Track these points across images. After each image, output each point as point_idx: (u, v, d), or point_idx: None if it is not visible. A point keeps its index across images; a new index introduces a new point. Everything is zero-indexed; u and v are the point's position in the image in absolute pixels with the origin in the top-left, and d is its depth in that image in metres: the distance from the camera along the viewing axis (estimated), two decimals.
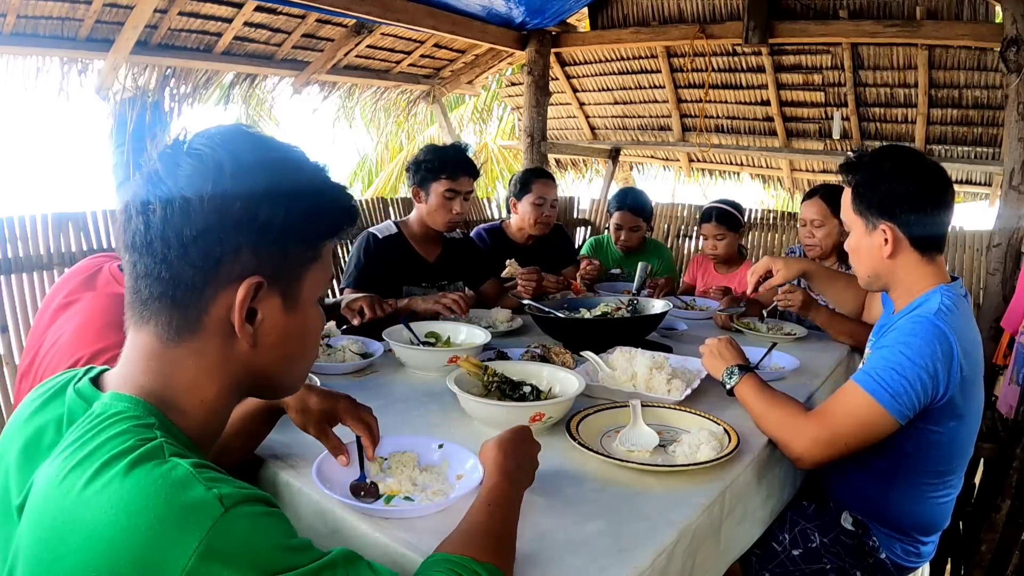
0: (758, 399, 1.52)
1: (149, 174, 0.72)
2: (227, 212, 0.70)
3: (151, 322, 0.74)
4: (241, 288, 0.72)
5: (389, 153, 11.72)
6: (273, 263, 0.74)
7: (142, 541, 0.59)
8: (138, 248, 0.71)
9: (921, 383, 1.37)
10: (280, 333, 0.77)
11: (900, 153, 1.54)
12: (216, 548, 0.59)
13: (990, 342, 3.69)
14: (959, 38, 4.24)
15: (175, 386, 0.74)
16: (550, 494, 1.20)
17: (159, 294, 0.72)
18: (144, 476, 0.62)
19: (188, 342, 0.74)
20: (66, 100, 4.27)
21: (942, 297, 1.46)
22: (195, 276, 0.71)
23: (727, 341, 1.71)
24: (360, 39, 5.05)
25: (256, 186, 0.71)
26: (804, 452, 1.43)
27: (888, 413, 1.38)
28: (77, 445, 0.67)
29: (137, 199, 0.71)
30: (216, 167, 0.71)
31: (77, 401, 0.74)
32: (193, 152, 0.72)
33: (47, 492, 0.65)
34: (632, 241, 3.38)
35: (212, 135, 0.74)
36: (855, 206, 1.55)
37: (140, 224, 0.70)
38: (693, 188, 8.84)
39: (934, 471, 1.53)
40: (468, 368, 1.54)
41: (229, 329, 0.74)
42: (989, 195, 5.38)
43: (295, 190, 0.74)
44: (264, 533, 0.63)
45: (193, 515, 0.60)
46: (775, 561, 1.59)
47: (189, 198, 0.69)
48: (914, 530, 1.58)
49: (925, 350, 1.38)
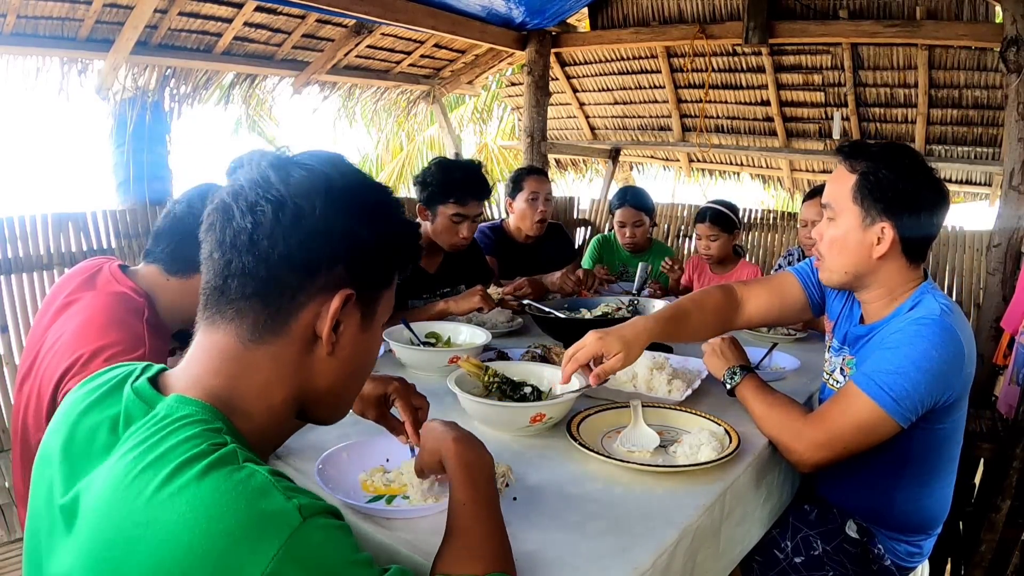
0: (759, 400, 1.51)
1: (257, 179, 0.75)
2: (332, 226, 0.74)
3: (233, 321, 0.76)
4: (337, 297, 0.76)
5: (389, 153, 11.72)
6: (361, 281, 0.78)
7: (222, 546, 0.60)
8: (239, 247, 0.73)
9: (927, 387, 1.34)
10: (352, 348, 0.81)
11: (914, 153, 1.46)
12: (293, 557, 0.60)
13: (990, 342, 3.69)
14: (959, 38, 4.24)
15: (245, 388, 0.76)
16: (551, 495, 1.20)
17: (252, 293, 0.74)
18: (222, 481, 0.63)
19: (269, 344, 0.76)
20: (66, 100, 4.27)
21: (936, 296, 1.43)
22: (294, 280, 0.74)
23: (730, 340, 1.70)
24: (360, 39, 5.05)
25: (357, 208, 0.77)
26: (804, 455, 1.41)
27: (890, 417, 1.35)
28: (144, 448, 0.67)
29: (242, 199, 0.74)
30: (326, 181, 0.75)
31: (136, 401, 0.74)
32: (303, 165, 0.76)
33: (113, 494, 0.65)
34: (637, 237, 3.38)
35: (318, 154, 0.79)
36: (858, 195, 1.42)
37: (247, 223, 0.73)
38: (693, 188, 8.85)
39: (938, 465, 1.52)
40: (469, 368, 1.54)
41: (310, 336, 0.77)
42: (989, 195, 5.39)
43: (387, 219, 0.80)
44: (336, 546, 0.65)
45: (273, 523, 0.61)
46: (777, 568, 1.57)
47: (301, 206, 0.73)
48: (920, 526, 1.58)
49: (932, 352, 1.34)
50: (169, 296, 1.42)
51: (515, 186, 3.11)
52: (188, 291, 1.41)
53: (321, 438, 1.32)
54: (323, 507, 0.66)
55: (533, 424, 1.41)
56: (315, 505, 0.65)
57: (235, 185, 0.76)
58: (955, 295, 4.08)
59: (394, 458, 1.25)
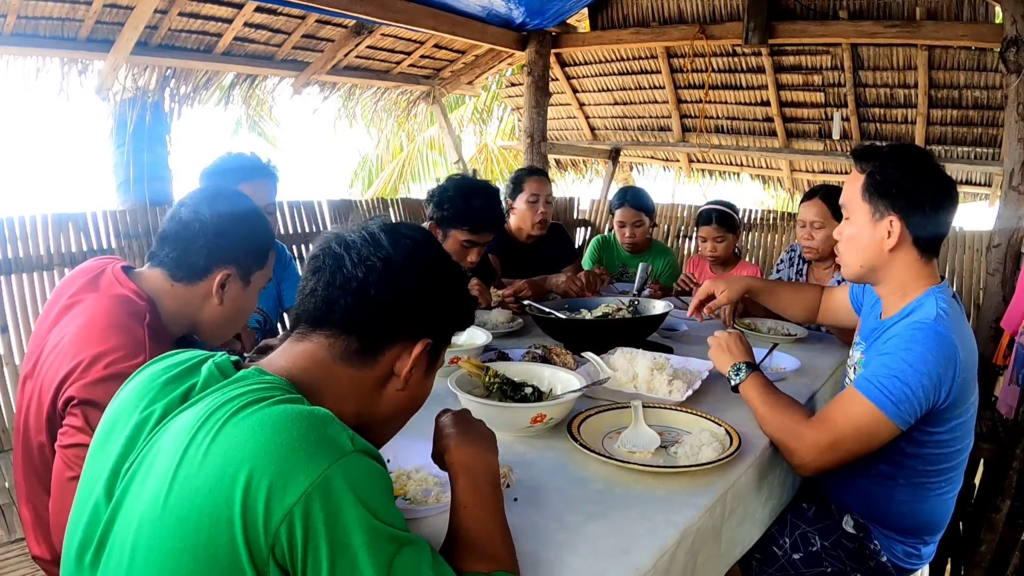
0: (762, 400, 1.51)
1: (368, 238, 0.89)
2: (427, 289, 0.90)
3: (327, 339, 0.88)
4: (420, 344, 0.90)
5: (389, 154, 11.71)
6: (437, 336, 0.93)
7: (282, 453, 0.68)
8: (348, 291, 0.86)
9: (924, 390, 1.37)
10: (416, 389, 0.95)
11: (922, 153, 1.55)
12: (339, 476, 0.69)
13: (990, 342, 3.69)
14: (959, 38, 4.24)
15: (326, 391, 0.86)
16: (552, 495, 1.20)
17: (350, 328, 0.87)
18: (290, 408, 0.73)
19: (355, 368, 0.88)
20: (66, 100, 4.27)
21: (937, 300, 1.46)
22: (388, 326, 0.88)
23: (736, 336, 1.70)
24: (360, 40, 5.05)
25: (444, 278, 0.94)
26: (805, 459, 1.42)
27: (890, 420, 1.37)
28: (220, 395, 0.77)
29: (354, 252, 0.88)
30: (426, 252, 0.92)
31: (215, 373, 0.84)
32: (408, 236, 0.91)
33: (189, 428, 0.74)
34: (637, 237, 3.37)
35: (416, 227, 0.96)
36: (867, 193, 1.51)
37: (359, 273, 0.86)
38: (693, 188, 8.85)
39: (936, 470, 1.52)
40: (469, 369, 1.54)
41: (388, 372, 0.90)
42: (989, 195, 5.39)
43: (461, 290, 0.98)
44: (378, 482, 0.73)
45: (328, 444, 0.71)
46: (776, 565, 1.59)
47: (406, 268, 0.88)
48: (918, 530, 1.58)
49: (928, 356, 1.37)
50: (173, 302, 1.40)
51: (515, 187, 3.10)
52: (192, 298, 1.40)
53: None
54: (373, 449, 0.76)
55: (534, 425, 1.41)
56: (367, 445, 0.75)
57: (346, 238, 0.89)
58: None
59: (396, 458, 1.25)
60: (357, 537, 0.68)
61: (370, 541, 0.69)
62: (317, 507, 0.67)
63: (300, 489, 0.66)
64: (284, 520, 0.66)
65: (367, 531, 0.69)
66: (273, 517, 0.66)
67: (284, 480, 0.67)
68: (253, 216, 1.46)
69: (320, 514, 0.67)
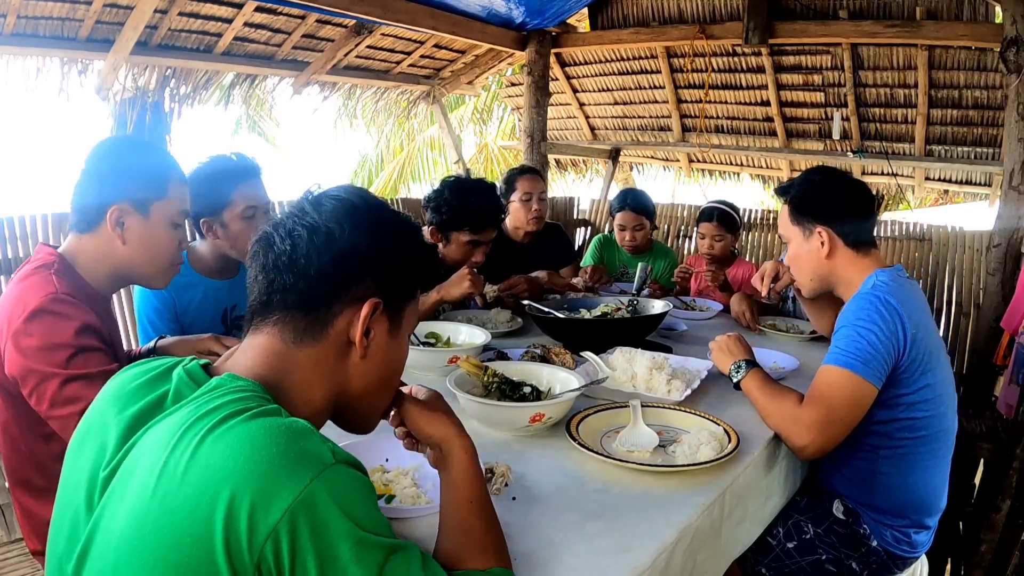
0: (762, 393, 1.57)
1: (294, 210, 0.87)
2: (359, 244, 0.85)
3: (277, 326, 0.85)
4: (366, 305, 0.86)
5: (390, 153, 11.71)
6: (386, 293, 0.88)
7: (262, 470, 0.68)
8: (280, 267, 0.84)
9: (882, 344, 1.49)
10: (382, 354, 0.90)
11: (827, 169, 1.83)
12: (322, 490, 0.68)
13: (990, 342, 3.69)
14: (959, 38, 4.24)
15: (291, 382, 0.85)
16: (550, 494, 1.20)
17: (293, 304, 0.85)
18: (268, 422, 0.72)
19: (309, 347, 0.85)
20: (66, 100, 4.27)
21: (876, 277, 1.62)
22: (330, 291, 0.85)
23: (736, 337, 1.75)
24: (360, 39, 5.05)
25: (379, 229, 0.88)
26: (806, 438, 1.47)
27: (866, 380, 1.48)
28: (196, 406, 0.75)
29: (281, 228, 0.86)
30: (352, 209, 0.87)
31: (187, 381, 0.82)
32: (332, 196, 0.89)
33: (165, 443, 0.72)
34: (638, 240, 3.38)
35: (346, 187, 0.92)
36: (792, 218, 1.74)
37: (287, 246, 0.84)
38: (693, 188, 8.85)
39: (914, 439, 1.58)
40: (468, 368, 1.54)
41: (345, 342, 0.87)
42: (989, 195, 5.39)
43: (405, 239, 0.91)
44: (361, 492, 0.73)
45: (309, 458, 0.70)
46: (771, 555, 1.61)
47: (332, 228, 0.85)
48: (905, 509, 1.61)
49: (874, 316, 1.51)
50: (86, 256, 1.43)
51: (508, 187, 3.11)
52: (100, 245, 1.42)
53: None
54: (353, 459, 0.75)
55: (532, 424, 1.41)
56: (347, 455, 0.74)
57: (275, 219, 0.88)
58: (955, 295, 4.07)
59: (394, 458, 1.25)
60: (344, 549, 0.68)
61: (358, 552, 0.69)
62: (302, 522, 0.66)
63: (284, 505, 0.66)
64: (269, 537, 0.66)
65: (354, 542, 0.69)
66: (257, 535, 0.66)
67: (267, 498, 0.66)
68: (131, 148, 1.48)
69: (306, 529, 0.67)
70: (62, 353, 1.27)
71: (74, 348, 1.28)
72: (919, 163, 5.12)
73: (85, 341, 1.30)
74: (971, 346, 3.92)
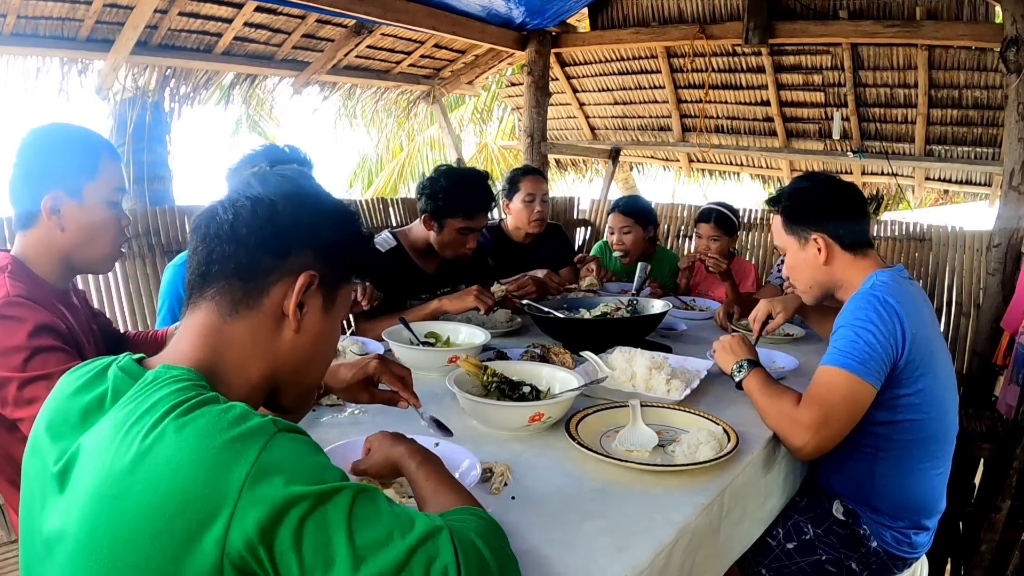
0: (762, 393, 1.57)
1: (240, 184, 0.90)
2: (300, 219, 0.88)
3: (214, 299, 0.86)
4: (301, 277, 0.87)
5: (389, 153, 11.71)
6: (323, 270, 0.90)
7: (210, 457, 0.69)
8: (222, 237, 0.86)
9: (880, 344, 1.48)
10: (315, 330, 0.91)
11: (815, 175, 1.82)
12: (272, 460, 0.70)
13: (990, 342, 3.69)
14: (959, 38, 4.24)
15: (226, 360, 0.86)
16: (549, 494, 1.20)
17: (231, 272, 0.86)
18: (208, 412, 0.73)
19: (244, 319, 0.87)
20: (66, 100, 4.27)
21: (876, 277, 1.61)
22: (267, 261, 0.86)
23: (739, 338, 1.75)
24: (360, 39, 5.05)
25: (320, 209, 0.92)
26: (804, 438, 1.47)
27: (863, 380, 1.47)
28: (135, 403, 0.76)
29: (226, 200, 0.87)
30: (296, 186, 0.91)
31: (123, 377, 0.82)
32: (280, 173, 0.93)
33: (108, 445, 0.73)
34: (626, 244, 3.35)
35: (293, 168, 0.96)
36: (786, 228, 1.72)
37: (229, 216, 0.86)
38: (693, 188, 8.85)
39: (914, 440, 1.58)
40: (468, 368, 1.54)
41: (279, 315, 0.88)
42: (989, 195, 5.38)
43: (343, 222, 0.95)
44: (310, 453, 0.75)
45: (253, 433, 0.71)
46: (770, 556, 1.61)
47: (276, 201, 0.87)
48: (905, 511, 1.61)
49: (871, 315, 1.50)
50: (34, 251, 1.41)
51: (511, 187, 3.10)
52: (42, 237, 1.40)
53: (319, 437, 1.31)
54: (296, 426, 0.77)
55: (532, 423, 1.41)
56: (288, 424, 0.76)
57: (219, 197, 0.90)
58: (955, 295, 4.07)
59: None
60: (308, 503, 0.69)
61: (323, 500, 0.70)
62: (264, 493, 0.68)
63: (239, 483, 0.67)
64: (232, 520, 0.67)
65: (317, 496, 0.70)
66: (218, 523, 0.67)
67: (222, 482, 0.67)
68: (54, 134, 1.44)
69: (266, 503, 0.68)
70: (17, 356, 1.26)
71: (29, 350, 1.27)
72: (919, 163, 5.12)
73: (41, 342, 1.28)
74: (971, 346, 3.92)
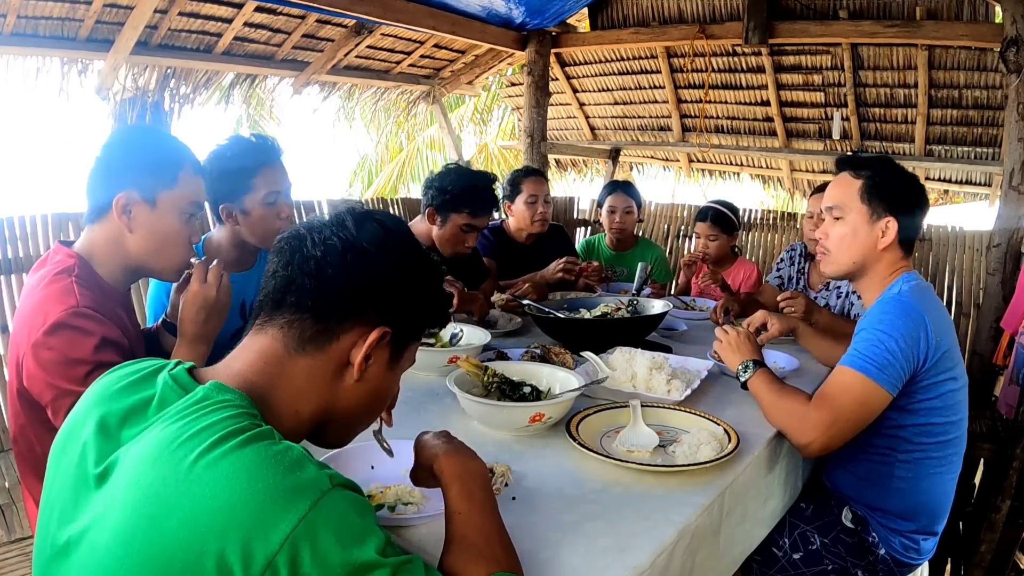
0: (770, 390, 1.56)
1: (334, 220, 0.88)
2: (388, 274, 0.87)
3: (283, 329, 0.86)
4: (375, 332, 0.87)
5: (389, 153, 11.71)
6: (397, 326, 0.89)
7: (259, 503, 0.67)
8: (306, 271, 0.85)
9: (902, 352, 1.47)
10: (376, 382, 0.91)
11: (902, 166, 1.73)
12: (321, 517, 0.68)
13: (990, 342, 3.69)
14: (959, 38, 4.23)
15: (281, 392, 0.85)
16: (550, 494, 1.20)
17: (306, 307, 0.85)
18: (262, 450, 0.71)
19: (309, 356, 0.86)
20: (66, 100, 4.26)
21: (904, 280, 1.60)
22: (345, 307, 0.86)
23: (745, 335, 1.74)
24: (360, 39, 5.05)
25: (411, 266, 0.90)
26: (810, 437, 1.47)
27: (879, 386, 1.46)
28: (187, 420, 0.74)
29: (316, 233, 0.86)
30: (391, 238, 0.89)
31: (172, 387, 0.81)
32: (377, 219, 0.90)
33: (158, 455, 0.72)
34: (627, 224, 3.34)
35: (389, 215, 0.93)
36: (866, 195, 1.63)
37: (317, 252, 0.85)
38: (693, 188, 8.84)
39: (931, 443, 1.57)
40: (468, 368, 1.54)
41: (344, 362, 0.87)
42: (989, 195, 5.38)
43: (431, 282, 0.94)
44: (360, 513, 0.73)
45: (306, 486, 0.69)
46: (776, 566, 1.60)
47: (368, 251, 0.86)
48: (916, 515, 1.60)
49: (898, 322, 1.49)
50: (100, 250, 1.40)
51: (513, 188, 3.10)
52: (110, 235, 1.40)
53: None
54: (350, 482, 0.75)
55: (532, 424, 1.41)
56: (343, 478, 0.74)
57: (312, 221, 0.89)
58: (955, 295, 4.08)
59: (379, 465, 1.23)
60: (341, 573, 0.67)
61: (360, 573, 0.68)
62: (304, 551, 0.66)
63: (282, 536, 0.66)
64: (268, 568, 0.65)
65: (356, 567, 0.68)
66: (255, 566, 0.65)
67: (265, 529, 0.66)
68: (143, 136, 1.44)
69: (306, 557, 0.66)
70: (80, 369, 1.26)
71: (92, 364, 1.26)
72: (919, 163, 5.12)
73: (104, 356, 1.28)
74: (971, 346, 3.92)
